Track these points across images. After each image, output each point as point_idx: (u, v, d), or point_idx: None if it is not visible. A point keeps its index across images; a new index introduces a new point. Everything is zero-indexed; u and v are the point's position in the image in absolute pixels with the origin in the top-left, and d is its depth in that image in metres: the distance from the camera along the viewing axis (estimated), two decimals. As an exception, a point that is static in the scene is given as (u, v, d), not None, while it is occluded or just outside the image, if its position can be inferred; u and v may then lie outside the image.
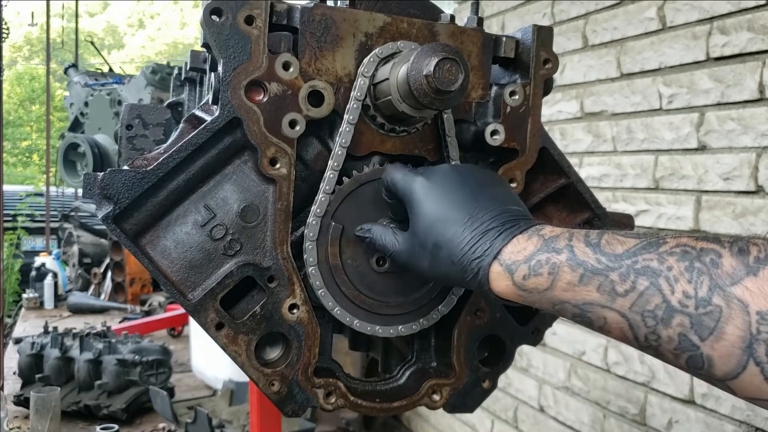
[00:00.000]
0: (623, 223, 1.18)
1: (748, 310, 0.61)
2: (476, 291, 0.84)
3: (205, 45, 0.92)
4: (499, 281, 0.79)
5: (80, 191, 7.64)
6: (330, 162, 0.94)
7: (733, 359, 0.62)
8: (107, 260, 7.62)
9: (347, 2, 0.97)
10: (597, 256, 0.72)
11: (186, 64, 1.58)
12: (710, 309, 0.63)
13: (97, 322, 5.38)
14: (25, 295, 7.47)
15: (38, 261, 7.97)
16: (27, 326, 6.37)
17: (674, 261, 0.66)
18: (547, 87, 1.05)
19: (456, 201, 0.85)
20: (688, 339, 0.64)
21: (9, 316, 7.43)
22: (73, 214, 8.97)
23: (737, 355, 0.62)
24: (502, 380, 1.20)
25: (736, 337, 0.61)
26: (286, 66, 0.91)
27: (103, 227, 6.12)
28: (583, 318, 0.74)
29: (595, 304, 0.71)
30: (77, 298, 7.22)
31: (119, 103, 8.58)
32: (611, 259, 0.71)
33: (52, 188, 12.58)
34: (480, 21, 1.02)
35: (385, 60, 0.94)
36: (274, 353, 0.97)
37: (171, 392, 4.14)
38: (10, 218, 10.14)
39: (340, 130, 0.94)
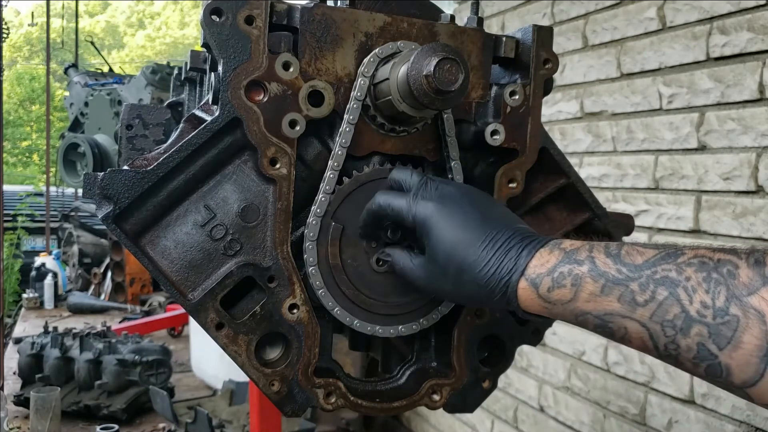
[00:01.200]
0: (623, 223, 1.19)
1: (765, 319, 0.63)
2: (502, 308, 0.85)
3: (205, 45, 0.92)
4: (525, 296, 0.80)
5: (80, 191, 7.64)
6: (330, 162, 0.94)
7: (750, 368, 0.64)
8: (107, 260, 7.63)
9: (347, 2, 0.97)
10: (617, 266, 0.73)
11: (186, 64, 1.58)
12: (728, 319, 0.64)
13: (97, 322, 5.38)
14: (25, 295, 7.48)
15: (38, 261, 7.97)
16: (27, 326, 6.37)
17: (692, 271, 0.68)
18: (547, 87, 1.05)
19: (470, 223, 0.84)
20: (707, 348, 0.66)
21: (9, 316, 7.43)
22: (73, 214, 8.97)
23: (755, 363, 0.63)
24: (502, 380, 1.20)
25: (753, 346, 0.63)
26: (286, 66, 0.91)
27: (103, 227, 6.12)
28: (605, 329, 0.75)
29: (615, 314, 0.72)
30: (77, 298, 7.22)
31: (119, 103, 8.58)
32: (631, 269, 0.72)
33: (52, 188, 12.58)
34: (480, 21, 1.02)
35: (385, 60, 0.94)
36: (274, 353, 0.97)
37: (171, 392, 4.14)
38: (10, 218, 10.14)
39: (340, 130, 0.94)
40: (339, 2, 0.99)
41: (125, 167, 0.91)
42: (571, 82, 2.56)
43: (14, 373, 4.37)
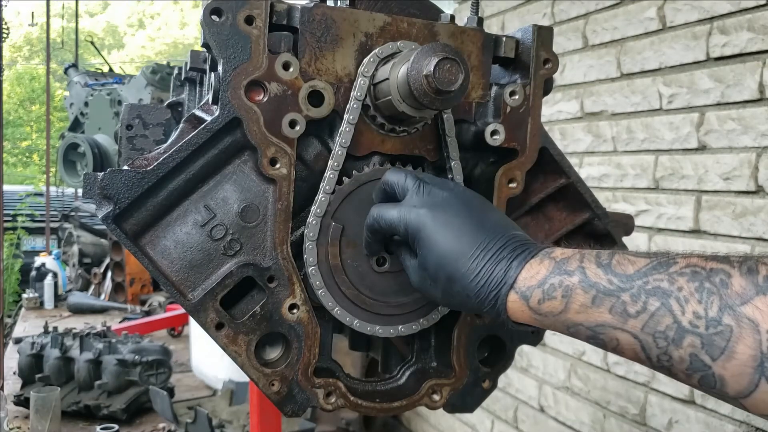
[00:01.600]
0: (623, 222, 1.18)
1: (759, 329, 0.62)
2: (492, 318, 0.84)
3: (205, 45, 0.92)
4: (515, 308, 0.79)
5: (80, 191, 7.64)
6: (330, 162, 0.94)
7: (744, 378, 0.63)
8: (107, 260, 7.62)
9: (347, 2, 0.98)
10: (608, 276, 0.72)
11: (186, 64, 1.58)
12: (721, 329, 0.63)
13: (97, 322, 5.38)
14: (25, 295, 7.47)
15: (38, 261, 7.97)
16: (27, 326, 6.36)
17: (684, 281, 0.67)
18: (547, 87, 1.05)
19: (462, 231, 0.83)
20: (700, 359, 0.65)
21: (9, 316, 7.43)
22: (73, 214, 8.97)
23: (749, 374, 0.62)
24: (502, 380, 1.20)
25: (748, 356, 0.62)
26: (286, 66, 0.91)
27: (103, 227, 6.12)
28: (596, 340, 0.74)
29: (607, 325, 0.72)
30: (77, 298, 7.22)
31: (119, 103, 8.58)
32: (622, 279, 0.71)
33: (52, 188, 12.57)
34: (480, 21, 1.02)
35: (385, 60, 0.94)
36: (274, 353, 0.97)
37: (171, 392, 4.14)
38: (10, 218, 10.14)
39: (340, 130, 0.94)
40: (339, 2, 0.99)
41: (125, 167, 0.91)
42: (571, 82, 2.56)
43: (14, 373, 4.36)
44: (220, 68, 0.89)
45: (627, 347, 0.71)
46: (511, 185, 1.03)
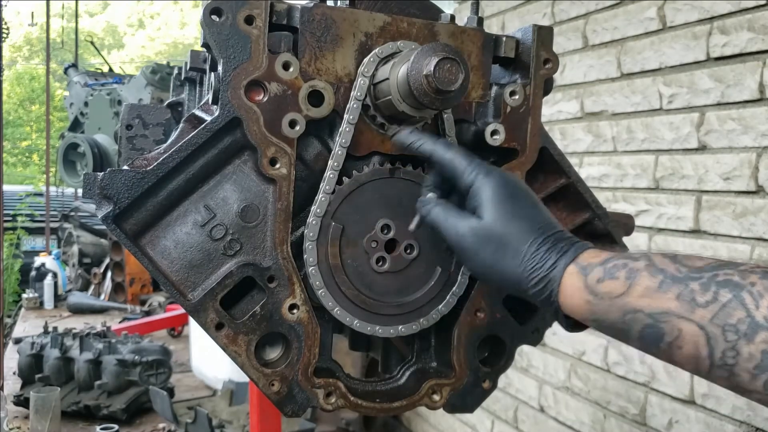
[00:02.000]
0: (623, 222, 1.18)
1: None
2: (534, 296, 0.80)
3: (205, 45, 0.92)
4: (570, 284, 0.77)
5: (80, 191, 7.63)
6: (330, 162, 0.94)
7: None
8: (107, 260, 7.62)
9: (347, 2, 0.98)
10: (676, 265, 0.71)
11: (186, 64, 1.58)
12: None
13: (97, 322, 5.38)
14: (25, 295, 7.47)
15: (38, 261, 7.97)
16: (27, 326, 6.37)
17: (757, 278, 0.65)
18: (547, 87, 1.05)
19: (528, 205, 0.86)
20: None
21: (9, 316, 7.43)
22: (73, 214, 8.97)
23: None
24: (502, 380, 1.20)
25: None
26: (286, 66, 0.91)
27: (103, 227, 6.11)
28: (654, 329, 0.70)
29: (672, 313, 0.69)
30: (77, 298, 7.22)
31: (119, 103, 8.58)
32: (692, 270, 0.69)
33: (52, 188, 12.58)
34: (480, 21, 1.02)
35: (385, 60, 0.94)
36: (274, 353, 0.97)
37: (171, 392, 4.14)
38: (10, 218, 10.14)
39: (340, 129, 0.94)
40: (339, 2, 0.99)
41: (125, 167, 0.91)
42: (571, 82, 2.56)
43: (14, 373, 4.36)
44: (220, 68, 0.89)
45: (689, 339, 0.67)
46: (511, 185, 1.03)
